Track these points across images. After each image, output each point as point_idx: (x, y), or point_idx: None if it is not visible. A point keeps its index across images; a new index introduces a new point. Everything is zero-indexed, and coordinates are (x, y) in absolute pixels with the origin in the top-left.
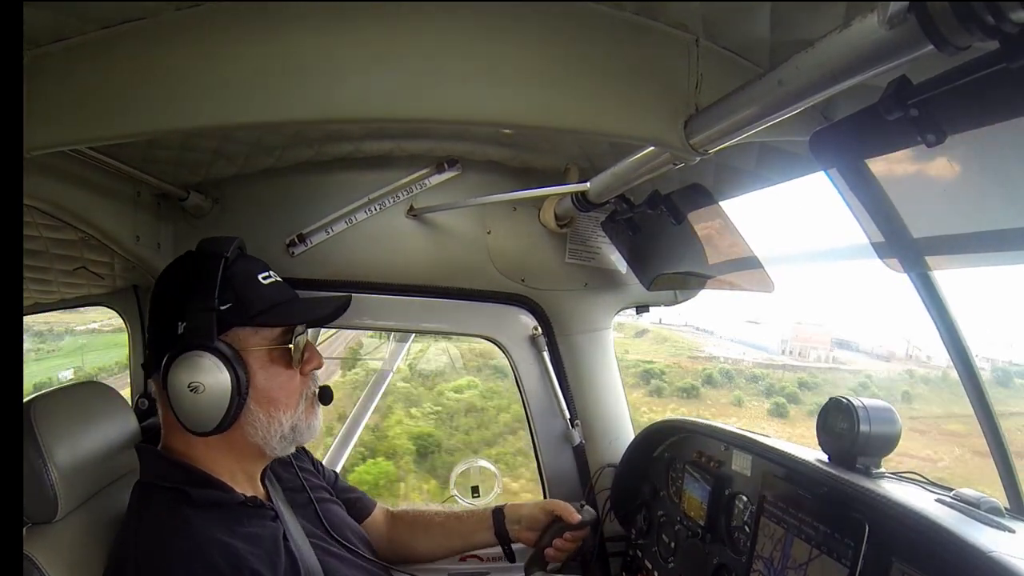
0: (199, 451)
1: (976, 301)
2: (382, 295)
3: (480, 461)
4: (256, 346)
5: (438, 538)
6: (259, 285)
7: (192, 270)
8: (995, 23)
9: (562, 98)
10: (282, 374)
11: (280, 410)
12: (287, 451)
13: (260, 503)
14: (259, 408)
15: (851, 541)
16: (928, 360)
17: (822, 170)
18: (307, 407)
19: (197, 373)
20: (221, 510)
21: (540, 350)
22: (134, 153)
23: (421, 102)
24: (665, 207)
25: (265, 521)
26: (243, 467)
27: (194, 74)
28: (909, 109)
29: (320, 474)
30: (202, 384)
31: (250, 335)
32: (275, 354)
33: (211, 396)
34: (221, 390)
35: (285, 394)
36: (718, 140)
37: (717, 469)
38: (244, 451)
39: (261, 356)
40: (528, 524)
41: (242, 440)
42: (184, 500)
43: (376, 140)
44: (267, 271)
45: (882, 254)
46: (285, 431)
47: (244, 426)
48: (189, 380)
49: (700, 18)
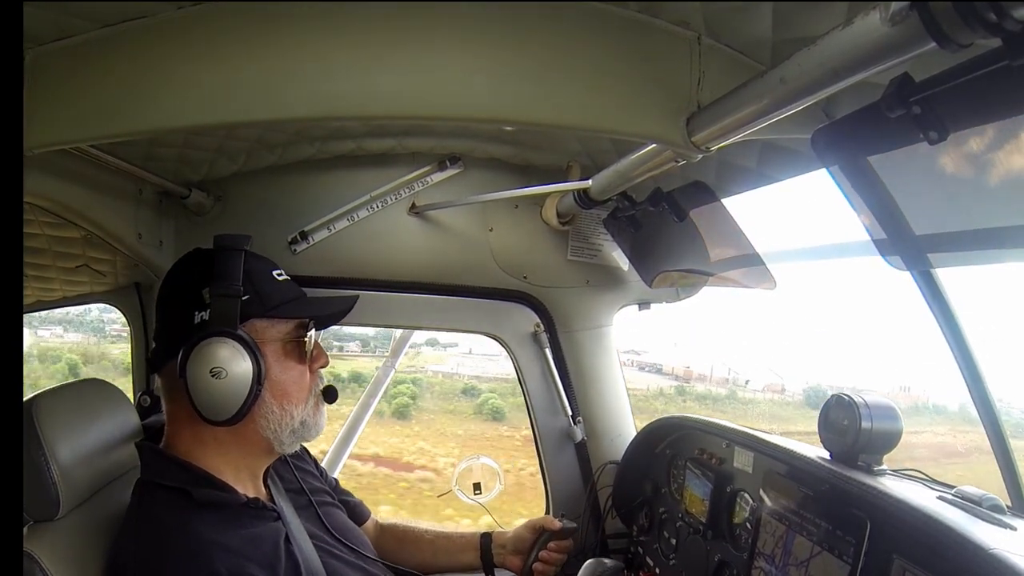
0: (204, 449)
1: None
2: (384, 292)
3: (482, 459)
4: (272, 339)
5: (426, 555)
6: (274, 280)
7: (211, 261)
8: (997, 20)
9: (564, 96)
10: (295, 368)
11: (292, 403)
12: (294, 447)
13: (262, 504)
14: (273, 400)
15: (852, 538)
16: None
17: (824, 167)
18: (315, 403)
19: (220, 358)
20: (222, 511)
21: (542, 347)
22: (136, 151)
23: (423, 100)
24: (667, 204)
25: (267, 523)
26: (248, 464)
27: (195, 72)
28: (911, 106)
29: (322, 477)
30: (225, 370)
31: (267, 327)
32: (289, 347)
33: (232, 383)
34: (243, 377)
35: (297, 388)
36: (720, 137)
37: (719, 466)
38: (253, 446)
39: (276, 349)
40: (514, 546)
41: (253, 434)
42: (185, 500)
43: (378, 138)
44: (279, 269)
45: (884, 251)
46: (296, 425)
47: (257, 418)
48: (212, 365)
49: (702, 16)
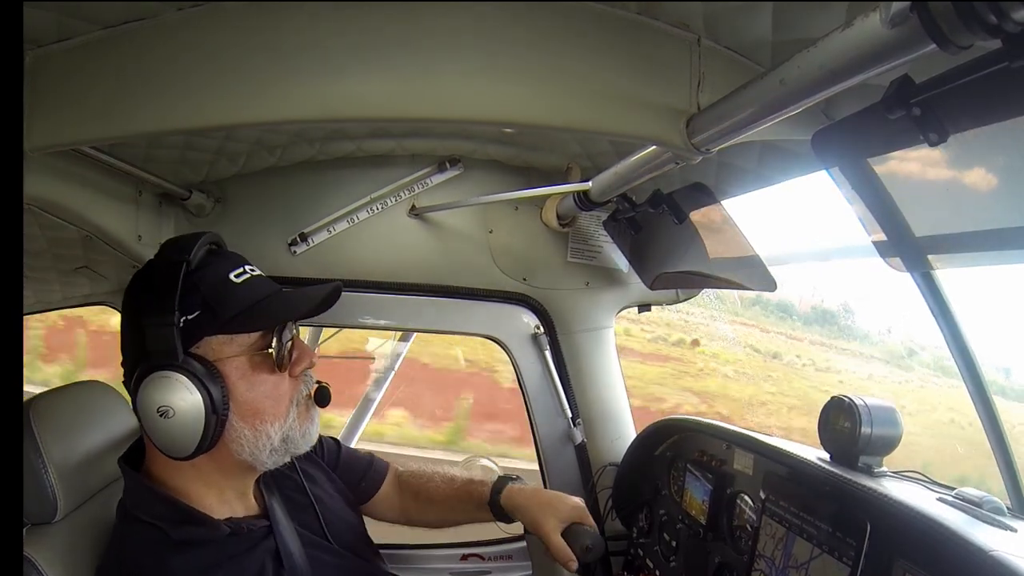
0: (182, 475)
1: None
2: (383, 294)
3: (482, 460)
4: (233, 354)
5: (443, 510)
6: (231, 286)
7: (149, 281)
8: (997, 22)
9: (564, 97)
10: (267, 381)
11: (267, 422)
12: (280, 463)
13: (248, 528)
14: (243, 423)
15: (853, 540)
16: None
17: (824, 169)
18: (300, 412)
19: (164, 395)
20: (202, 549)
21: (542, 349)
22: (136, 152)
23: (423, 101)
24: (667, 206)
25: (253, 550)
26: (232, 485)
27: (196, 74)
28: (911, 108)
29: (320, 455)
30: (171, 408)
31: (224, 343)
32: (256, 360)
33: (183, 419)
34: (194, 412)
35: (272, 403)
36: (720, 139)
37: (719, 468)
38: (232, 469)
39: (240, 364)
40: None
41: (229, 458)
42: (162, 537)
43: (378, 139)
44: (242, 267)
45: (884, 253)
46: (275, 444)
47: (229, 443)
48: (157, 404)
49: (702, 17)
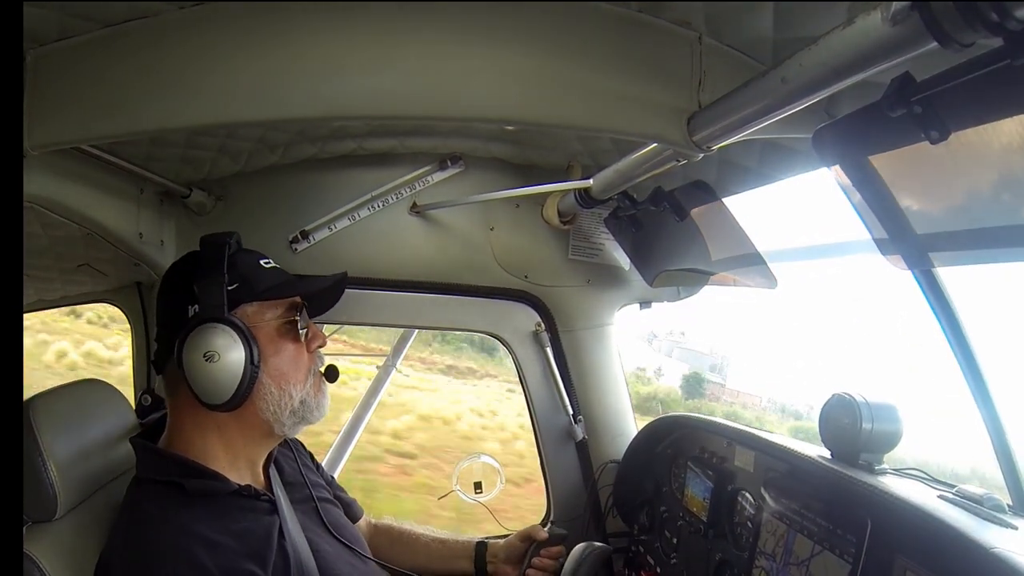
0: (205, 437)
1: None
2: (385, 291)
3: (483, 457)
4: (264, 322)
5: (420, 558)
6: (261, 268)
7: (198, 259)
8: (998, 20)
9: (565, 95)
10: (290, 348)
11: (291, 384)
12: (296, 429)
13: (256, 493)
14: (271, 381)
15: (853, 537)
16: None
17: (825, 167)
18: (315, 383)
19: (212, 341)
20: (212, 503)
21: (543, 346)
22: (137, 151)
23: (424, 100)
24: (668, 204)
25: (259, 514)
26: (248, 452)
27: (197, 72)
28: (912, 106)
29: (319, 473)
30: (217, 353)
31: (258, 311)
32: (282, 329)
33: (226, 365)
34: (236, 359)
35: (294, 368)
36: (721, 137)
37: (720, 465)
38: (253, 430)
39: (269, 331)
40: (507, 556)
41: (253, 416)
42: (176, 492)
43: (379, 137)
44: (266, 258)
45: (885, 250)
46: (295, 405)
47: (256, 400)
48: (205, 350)
49: (703, 15)
